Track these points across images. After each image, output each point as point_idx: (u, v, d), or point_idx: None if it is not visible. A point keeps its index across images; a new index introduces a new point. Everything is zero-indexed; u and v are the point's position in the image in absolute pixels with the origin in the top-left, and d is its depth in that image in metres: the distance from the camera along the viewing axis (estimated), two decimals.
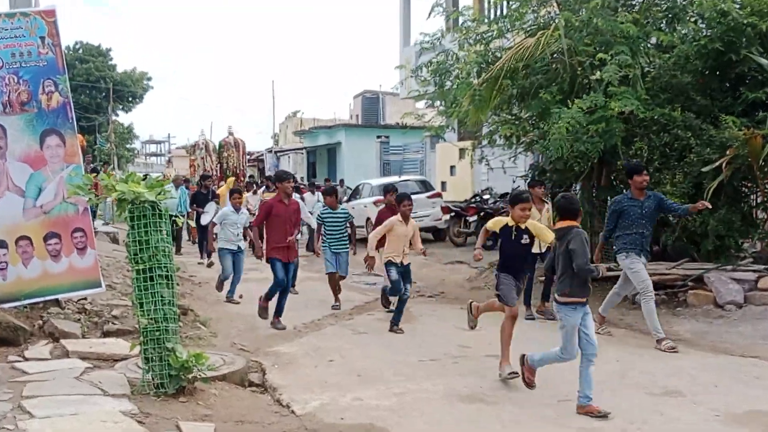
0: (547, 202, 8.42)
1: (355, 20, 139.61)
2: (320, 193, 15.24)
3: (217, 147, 20.81)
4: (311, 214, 11.18)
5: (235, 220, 9.45)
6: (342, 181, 23.16)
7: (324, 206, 9.28)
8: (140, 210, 4.74)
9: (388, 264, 7.58)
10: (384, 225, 7.67)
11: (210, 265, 12.44)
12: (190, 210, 14.34)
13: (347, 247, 8.94)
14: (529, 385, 5.22)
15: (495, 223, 5.89)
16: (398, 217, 7.62)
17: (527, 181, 12.18)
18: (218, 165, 20.34)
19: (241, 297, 9.39)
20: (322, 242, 8.92)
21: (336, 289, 8.93)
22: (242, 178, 20.22)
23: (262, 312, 7.86)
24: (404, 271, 7.60)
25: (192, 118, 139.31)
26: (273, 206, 7.98)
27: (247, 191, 15.10)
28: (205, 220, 12.43)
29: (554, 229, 5.26)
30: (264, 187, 16.85)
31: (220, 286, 9.56)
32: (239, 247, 9.46)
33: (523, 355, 5.27)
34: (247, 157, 23.81)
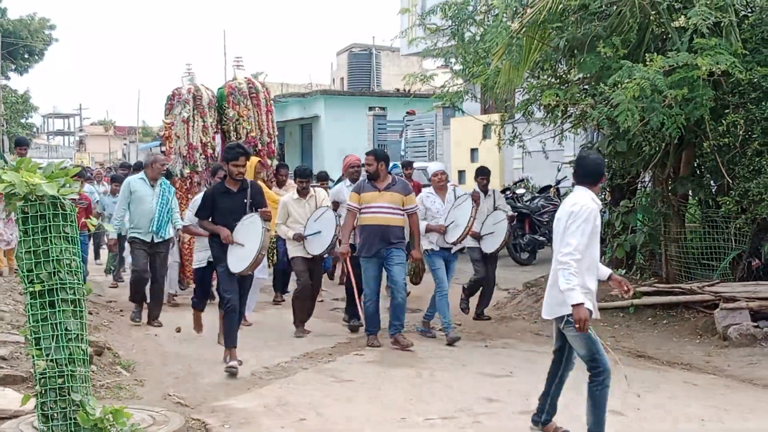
0: None
1: None
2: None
3: (218, 99, 12.93)
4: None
5: None
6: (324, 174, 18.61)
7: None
8: (37, 209, 4.73)
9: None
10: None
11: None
12: (182, 228, 9.91)
13: None
14: None
15: None
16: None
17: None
18: (220, 133, 12.94)
19: (178, 330, 9.38)
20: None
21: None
22: (268, 159, 13.25)
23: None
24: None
25: (112, 83, 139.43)
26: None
27: (279, 184, 11.65)
28: (236, 265, 7.68)
29: None
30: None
31: None
32: None
33: None
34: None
